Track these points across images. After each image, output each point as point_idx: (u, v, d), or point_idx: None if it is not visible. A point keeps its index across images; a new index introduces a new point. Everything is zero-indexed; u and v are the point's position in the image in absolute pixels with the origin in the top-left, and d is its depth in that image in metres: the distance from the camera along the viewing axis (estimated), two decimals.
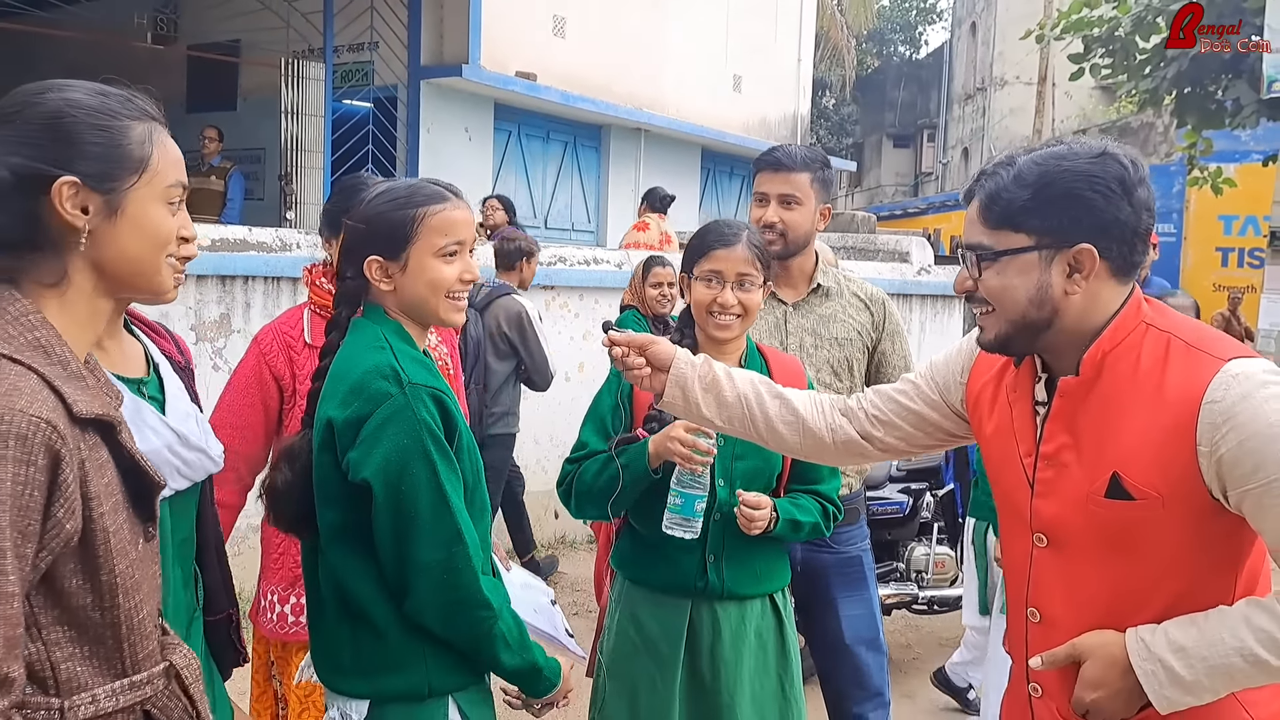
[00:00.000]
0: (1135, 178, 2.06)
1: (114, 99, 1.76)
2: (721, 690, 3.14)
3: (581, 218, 16.58)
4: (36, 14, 12.80)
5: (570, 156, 16.40)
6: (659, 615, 3.20)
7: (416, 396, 2.36)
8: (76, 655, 1.64)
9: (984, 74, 32.00)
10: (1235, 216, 16.63)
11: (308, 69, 12.48)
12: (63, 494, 1.56)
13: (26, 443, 1.51)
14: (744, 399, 2.58)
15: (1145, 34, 13.09)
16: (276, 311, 6.14)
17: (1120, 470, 2.04)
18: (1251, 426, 1.90)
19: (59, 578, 1.61)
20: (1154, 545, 2.05)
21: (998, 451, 2.32)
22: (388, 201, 2.50)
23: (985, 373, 2.38)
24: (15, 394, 1.54)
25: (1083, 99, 26.72)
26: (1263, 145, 14.45)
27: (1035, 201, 2.06)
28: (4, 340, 1.60)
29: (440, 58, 13.38)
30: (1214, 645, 1.96)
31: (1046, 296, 2.08)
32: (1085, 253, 2.04)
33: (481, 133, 14.39)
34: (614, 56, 16.44)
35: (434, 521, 2.35)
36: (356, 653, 2.46)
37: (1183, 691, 1.99)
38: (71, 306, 1.72)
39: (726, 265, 3.16)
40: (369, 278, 2.49)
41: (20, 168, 1.65)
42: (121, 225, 1.73)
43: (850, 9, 30.51)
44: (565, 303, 7.97)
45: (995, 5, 30.64)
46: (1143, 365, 2.06)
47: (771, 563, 3.25)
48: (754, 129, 20.20)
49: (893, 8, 42.20)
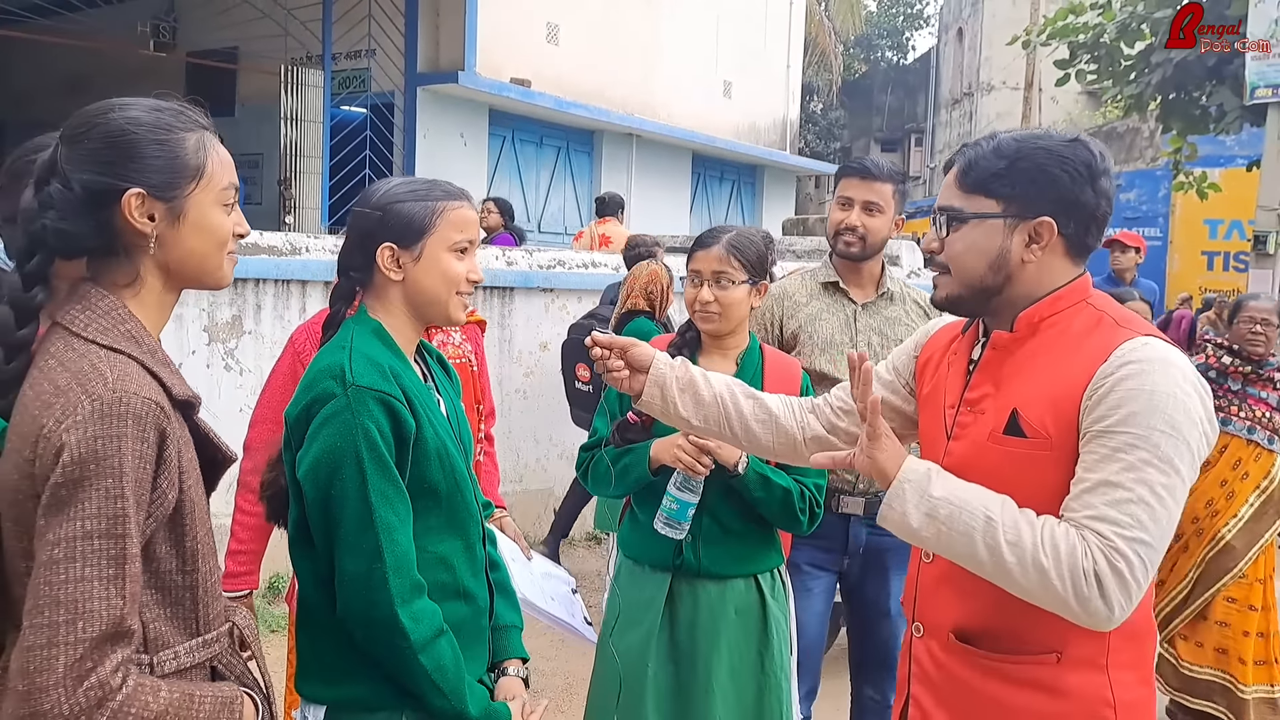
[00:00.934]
0: (1101, 167, 2.21)
1: (168, 113, 1.91)
2: (698, 662, 3.31)
3: (574, 221, 16.68)
4: (39, 22, 12.90)
5: (563, 161, 16.53)
6: (642, 588, 3.40)
7: (359, 400, 2.28)
8: (161, 616, 1.84)
9: (971, 79, 32.15)
10: (1220, 221, 16.78)
11: (306, 76, 12.64)
12: (166, 468, 1.77)
13: (141, 422, 1.72)
14: (720, 399, 2.67)
15: (1130, 40, 13.21)
16: (286, 314, 6.29)
17: (1020, 409, 2.17)
18: (1130, 382, 2.02)
19: (154, 544, 1.81)
20: (1031, 485, 2.13)
21: (929, 409, 2.46)
22: (408, 191, 2.48)
23: (935, 346, 2.53)
24: (127, 379, 1.74)
25: (1069, 104, 26.90)
26: (1246, 150, 14.60)
27: (1009, 171, 2.21)
28: (102, 332, 1.81)
29: (436, 65, 13.51)
30: (975, 492, 2.10)
31: (1004, 262, 2.22)
32: (1045, 225, 2.19)
33: (476, 138, 14.53)
34: (607, 63, 16.59)
35: (357, 532, 2.26)
36: (316, 657, 2.43)
37: (918, 500, 2.12)
38: (145, 302, 1.91)
39: (704, 265, 3.38)
40: (379, 265, 2.44)
41: (92, 183, 1.82)
42: (184, 228, 1.90)
43: (838, 15, 30.68)
44: (564, 305, 8.09)
45: (982, 11, 30.80)
46: (1070, 332, 2.20)
47: (754, 546, 3.40)
48: (744, 134, 20.36)
49: (880, 14, 42.31)
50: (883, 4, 42.79)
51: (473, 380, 3.79)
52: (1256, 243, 10.74)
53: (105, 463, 1.67)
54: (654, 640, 3.33)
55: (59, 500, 1.66)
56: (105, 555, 1.67)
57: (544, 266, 7.99)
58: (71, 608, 1.64)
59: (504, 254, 7.87)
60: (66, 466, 1.66)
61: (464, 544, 2.51)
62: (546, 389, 7.91)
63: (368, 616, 2.27)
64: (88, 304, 1.84)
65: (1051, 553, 2.00)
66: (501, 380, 7.56)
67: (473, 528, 2.55)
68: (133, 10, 14.19)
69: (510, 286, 7.75)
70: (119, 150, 1.85)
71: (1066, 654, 2.17)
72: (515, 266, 7.80)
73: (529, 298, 7.87)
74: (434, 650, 2.30)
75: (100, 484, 1.67)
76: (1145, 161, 19.08)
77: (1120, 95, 13.99)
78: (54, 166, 1.85)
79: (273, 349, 6.17)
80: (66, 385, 1.72)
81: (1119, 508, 1.99)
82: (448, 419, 2.56)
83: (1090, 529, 2.00)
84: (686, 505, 3.26)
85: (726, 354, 3.47)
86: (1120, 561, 1.97)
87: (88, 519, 1.66)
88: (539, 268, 7.95)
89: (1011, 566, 2.03)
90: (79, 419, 1.68)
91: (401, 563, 2.29)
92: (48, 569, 1.65)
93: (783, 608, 3.47)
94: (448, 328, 3.69)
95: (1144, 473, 1.99)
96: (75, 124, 1.88)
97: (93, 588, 1.65)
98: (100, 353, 1.77)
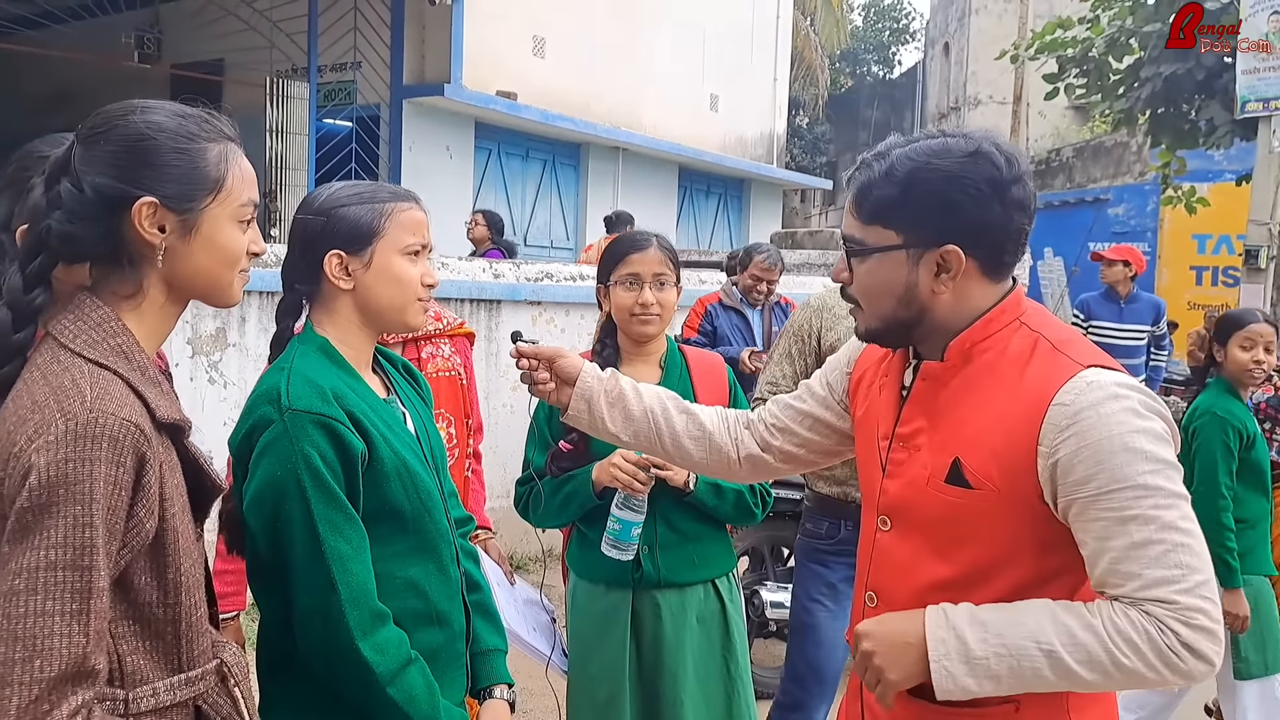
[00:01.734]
0: (1009, 177, 2.00)
1: (192, 121, 1.82)
2: (665, 673, 3.28)
3: (560, 235, 16.66)
4: (23, 33, 12.82)
5: (549, 174, 16.49)
6: (604, 607, 3.35)
7: (297, 425, 2.13)
8: (140, 650, 1.72)
9: (958, 93, 32.22)
10: (1209, 235, 16.81)
11: (292, 88, 12.59)
12: (145, 494, 1.65)
13: (117, 445, 1.60)
14: (651, 414, 2.52)
15: (1119, 54, 13.22)
16: (271, 326, 6.18)
17: (962, 457, 2.01)
18: (1092, 434, 1.87)
19: (131, 574, 1.69)
20: (987, 538, 2.01)
21: (863, 435, 2.31)
22: (351, 194, 2.35)
23: (868, 361, 2.36)
24: (106, 398, 1.63)
25: (1056, 118, 26.95)
26: (1235, 165, 14.58)
27: (904, 199, 2.01)
28: (90, 346, 1.69)
29: (422, 77, 13.46)
30: (1015, 626, 1.89)
31: (914, 295, 2.04)
32: (952, 253, 2.00)
33: (462, 151, 14.47)
34: (593, 76, 16.57)
35: (308, 566, 2.13)
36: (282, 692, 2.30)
37: (967, 669, 1.90)
38: (144, 316, 1.80)
39: (643, 267, 3.33)
40: (327, 274, 2.30)
41: (104, 187, 1.72)
42: (196, 243, 1.80)
43: (823, 29, 30.73)
44: (551, 318, 8.03)
45: (969, 26, 30.87)
46: (1006, 358, 2.03)
47: (709, 550, 3.39)
48: (730, 147, 20.35)
49: (866, 28, 42.50)
50: (869, 19, 42.99)
51: (462, 393, 3.70)
52: (1248, 257, 10.70)
53: (75, 488, 1.56)
54: (625, 660, 3.29)
55: (24, 526, 1.55)
56: (69, 588, 1.55)
57: (531, 279, 7.93)
58: (30, 644, 1.52)
59: (491, 266, 7.80)
60: (33, 490, 1.55)
61: (435, 566, 2.38)
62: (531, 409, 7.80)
63: (328, 653, 2.15)
64: (80, 314, 1.73)
65: (1131, 650, 1.83)
66: (489, 394, 7.47)
67: (444, 549, 2.41)
68: (117, 23, 14.10)
69: (497, 299, 7.68)
70: (136, 155, 1.75)
71: (1026, 703, 2.02)
72: (502, 279, 7.73)
73: (516, 310, 7.80)
74: (402, 681, 2.18)
75: (68, 510, 1.55)
76: (1133, 176, 19.10)
77: (1109, 110, 13.99)
78: (67, 165, 1.75)
79: (257, 362, 6.09)
80: (44, 400, 1.61)
81: (1161, 565, 1.85)
82: (415, 435, 2.42)
83: (1150, 601, 1.84)
84: (630, 525, 3.20)
85: (649, 359, 3.44)
86: (1198, 617, 1.83)
87: (52, 548, 1.54)
88: (526, 280, 7.89)
89: (1095, 682, 1.88)
90: (50, 439, 1.56)
91: (358, 594, 2.15)
92: (7, 600, 1.53)
93: (738, 609, 3.46)
94: (436, 339, 3.61)
95: (1160, 517, 1.85)
96: (94, 123, 1.78)
97: (54, 623, 1.54)
98: (84, 367, 1.66)
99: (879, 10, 43.20)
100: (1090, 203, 19.04)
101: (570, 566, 3.53)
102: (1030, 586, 1.99)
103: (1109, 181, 19.86)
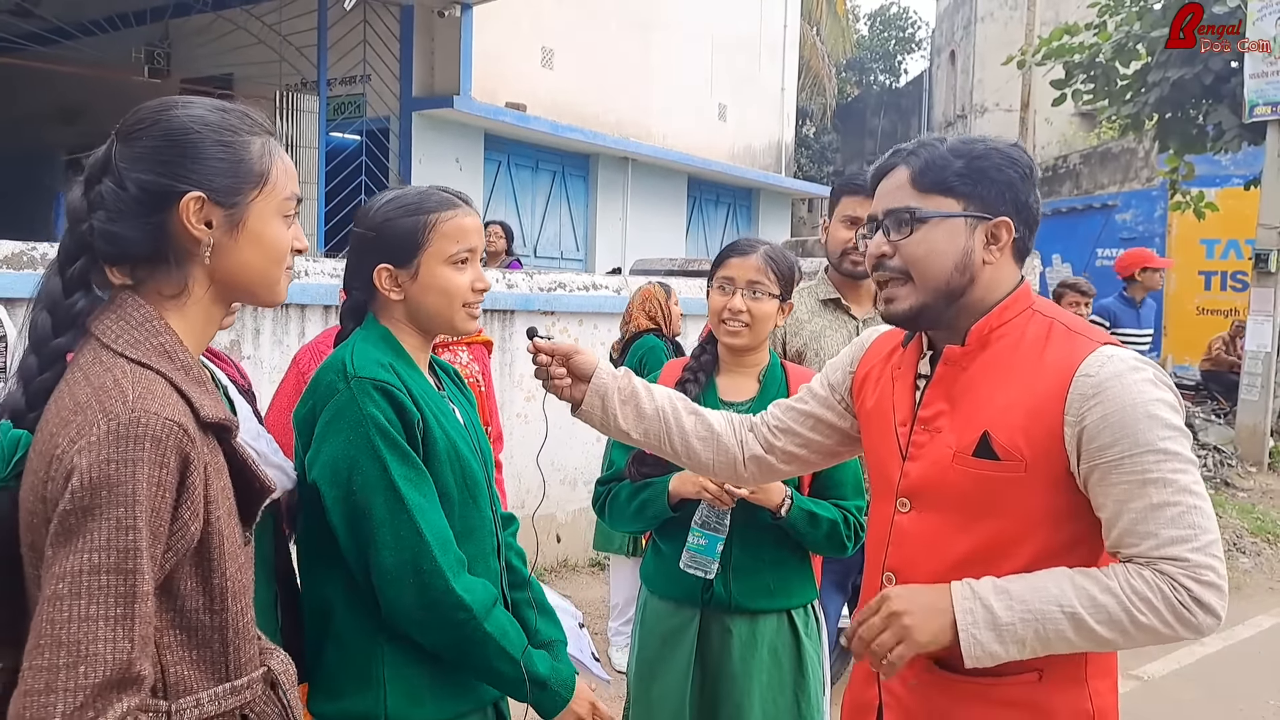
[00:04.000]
0: (1036, 176, 2.22)
1: (233, 114, 1.80)
2: (729, 704, 3.17)
3: (570, 245, 16.68)
4: (35, 49, 12.88)
5: (559, 185, 16.51)
6: (672, 626, 3.26)
7: (362, 390, 2.24)
8: (185, 659, 1.68)
9: (964, 101, 32.21)
10: (1217, 240, 16.79)
11: (302, 101, 12.60)
12: (189, 496, 1.62)
13: (160, 445, 1.57)
14: (662, 413, 2.59)
15: (1126, 60, 13.24)
16: (285, 338, 6.22)
17: (990, 430, 2.11)
18: (1117, 402, 2.00)
19: (176, 580, 1.65)
20: (1013, 509, 2.10)
21: (875, 424, 2.39)
22: (398, 207, 2.40)
23: (873, 359, 2.47)
24: (149, 397, 1.60)
25: (1063, 125, 26.93)
26: (1243, 169, 14.59)
27: (968, 170, 2.16)
28: (132, 345, 1.67)
29: (431, 89, 13.48)
30: (1038, 591, 2.01)
31: (969, 262, 2.17)
32: (1004, 224, 2.17)
33: (472, 163, 14.49)
34: (601, 87, 16.63)
35: (391, 522, 2.20)
36: (324, 670, 2.33)
37: (995, 636, 2.01)
38: (189, 314, 1.78)
39: (739, 272, 3.26)
40: (378, 287, 2.39)
41: (149, 183, 1.71)
42: (242, 239, 1.78)
43: (829, 39, 30.76)
44: (565, 327, 8.05)
45: (974, 34, 30.87)
46: (1025, 342, 2.16)
47: (787, 578, 3.25)
48: (739, 156, 20.40)
49: (872, 37, 42.53)
50: (875, 28, 43.02)
51: (482, 401, 3.73)
52: (1258, 261, 10.72)
53: (118, 490, 1.52)
54: (688, 686, 3.19)
55: (67, 529, 1.52)
56: (113, 593, 1.52)
57: (545, 289, 7.95)
58: (74, 650, 1.49)
59: (504, 276, 7.82)
60: (76, 493, 1.52)
61: (478, 552, 2.43)
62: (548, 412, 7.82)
63: (423, 600, 2.21)
64: (122, 314, 1.70)
65: (1147, 608, 1.97)
66: (503, 404, 7.49)
67: (487, 539, 2.48)
68: (128, 38, 14.15)
69: (511, 309, 7.70)
70: (180, 149, 1.73)
71: (1048, 671, 2.13)
72: (516, 289, 7.75)
73: (530, 320, 7.82)
74: (495, 617, 2.28)
75: (111, 513, 1.52)
76: (1141, 182, 19.08)
77: (1116, 115, 14.00)
78: (107, 164, 1.73)
79: (272, 374, 6.11)
80: (86, 401, 1.58)
81: (1177, 525, 1.98)
82: (466, 429, 2.49)
83: (1164, 559, 1.98)
84: (715, 540, 3.12)
85: (748, 371, 3.34)
86: (1207, 574, 1.97)
87: (95, 551, 1.51)
88: (540, 290, 7.91)
89: (1114, 639, 2.02)
90: (92, 440, 1.53)
91: (443, 539, 2.25)
92: (51, 605, 1.50)
93: (816, 646, 3.32)
94: (454, 347, 3.64)
95: (1177, 481, 1.99)
96: (133, 120, 1.76)
97: (98, 628, 1.50)
98: (127, 367, 1.63)
99: (885, 19, 43.26)
100: (1098, 209, 19.02)
101: (644, 581, 3.43)
102: (1047, 558, 2.10)
103: (1117, 187, 19.84)
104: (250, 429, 2.25)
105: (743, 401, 3.27)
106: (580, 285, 8.33)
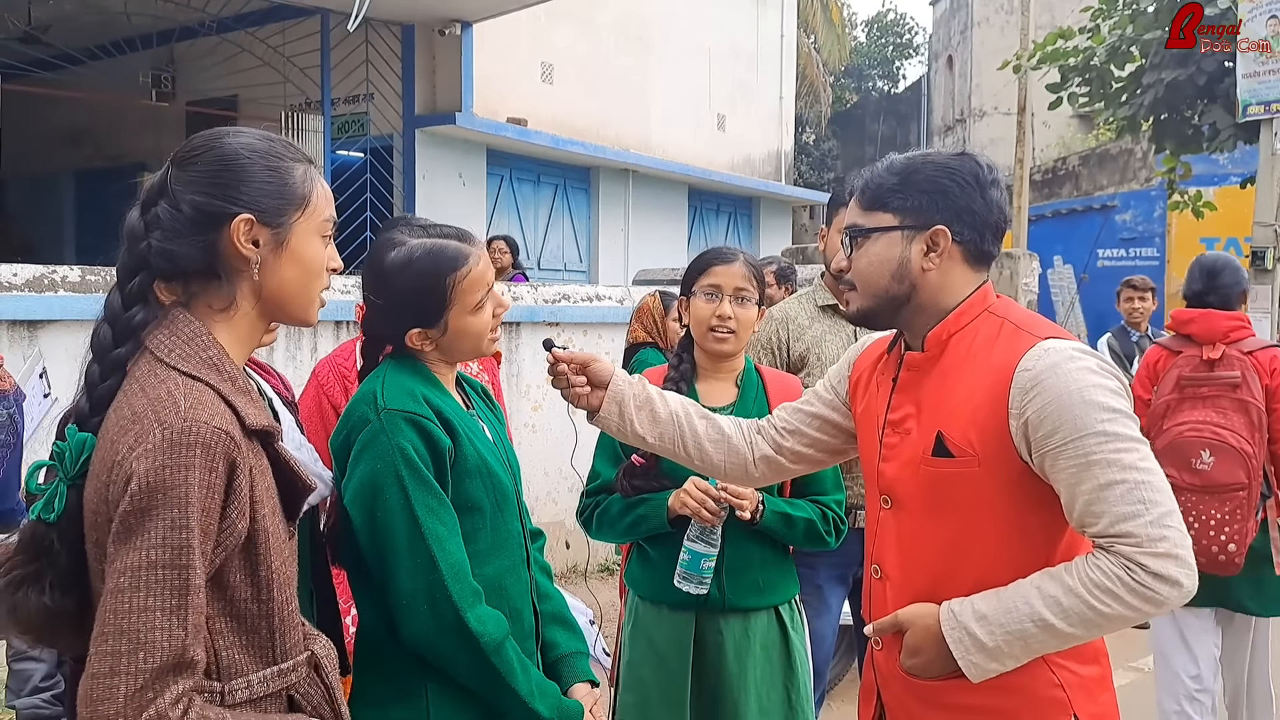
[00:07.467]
0: (989, 179, 2.34)
1: (279, 144, 1.97)
2: (727, 703, 3.25)
3: (574, 257, 16.77)
4: (41, 75, 13.02)
5: (561, 198, 16.61)
6: (667, 630, 3.32)
7: (392, 422, 2.37)
8: (235, 644, 1.83)
9: (963, 105, 32.27)
10: (1216, 239, 16.81)
11: (306, 121, 12.75)
12: (237, 497, 1.78)
13: (210, 451, 1.73)
14: (675, 417, 2.70)
15: (1120, 62, 13.27)
16: (299, 354, 6.36)
17: (944, 430, 2.26)
18: (1054, 391, 2.12)
19: (226, 573, 1.81)
20: (972, 504, 2.24)
21: (864, 426, 2.55)
22: (417, 275, 2.48)
23: (865, 364, 2.61)
24: (199, 407, 1.75)
25: (1061, 127, 27.01)
26: (1240, 168, 14.62)
27: (900, 185, 2.34)
28: (183, 359, 1.82)
29: (434, 107, 13.60)
30: (1009, 612, 2.14)
31: (906, 271, 2.33)
32: (940, 232, 2.31)
33: (475, 178, 14.61)
34: (601, 100, 16.74)
35: (409, 549, 2.32)
36: (370, 682, 2.45)
37: (987, 657, 2.17)
38: (236, 327, 1.93)
39: (725, 280, 3.35)
40: (411, 346, 2.53)
41: (202, 205, 1.87)
42: (285, 257, 1.94)
43: (825, 47, 30.86)
44: (570, 338, 8.16)
45: (971, 38, 30.95)
46: (977, 343, 2.30)
47: (774, 575, 3.35)
48: (739, 166, 20.48)
49: (869, 44, 42.61)
50: (872, 34, 43.08)
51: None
52: (1255, 258, 10.79)
53: (172, 492, 1.68)
54: (685, 690, 3.25)
55: (127, 529, 1.68)
56: (169, 585, 1.67)
57: (549, 301, 8.06)
58: (134, 638, 1.65)
59: (510, 289, 7.94)
60: (135, 495, 1.67)
61: (509, 564, 2.55)
62: (554, 422, 7.94)
63: (434, 628, 2.32)
64: (174, 329, 1.85)
65: (1110, 598, 2.07)
66: (510, 415, 7.59)
67: (517, 550, 2.60)
68: (134, 62, 14.26)
69: (516, 321, 7.81)
70: (232, 174, 1.88)
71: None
72: (520, 301, 7.86)
73: (535, 331, 7.94)
74: (504, 653, 2.37)
75: (166, 514, 1.67)
76: (1139, 182, 19.15)
77: (1113, 117, 14.04)
78: (163, 188, 1.88)
79: None
80: (142, 411, 1.73)
81: (1125, 501, 2.07)
82: (495, 445, 2.60)
83: (1117, 541, 2.07)
84: (701, 557, 3.19)
85: (726, 377, 3.43)
86: (1162, 544, 2.04)
87: (153, 549, 1.67)
88: (544, 302, 8.03)
89: (1091, 634, 2.16)
90: (149, 447, 1.69)
91: (458, 570, 2.35)
92: (113, 597, 1.66)
93: (802, 638, 3.43)
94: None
95: (1120, 459, 2.08)
96: (188, 148, 1.92)
97: (155, 618, 1.66)
98: (179, 379, 1.78)
99: (882, 26, 43.29)
100: (1098, 210, 19.07)
101: (630, 585, 3.48)
102: (1015, 544, 2.24)
103: (1115, 188, 19.90)
104: (293, 439, 2.36)
105: (723, 406, 3.33)
106: (584, 296, 8.44)
